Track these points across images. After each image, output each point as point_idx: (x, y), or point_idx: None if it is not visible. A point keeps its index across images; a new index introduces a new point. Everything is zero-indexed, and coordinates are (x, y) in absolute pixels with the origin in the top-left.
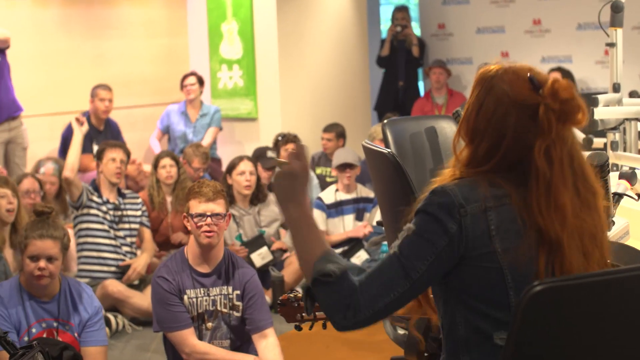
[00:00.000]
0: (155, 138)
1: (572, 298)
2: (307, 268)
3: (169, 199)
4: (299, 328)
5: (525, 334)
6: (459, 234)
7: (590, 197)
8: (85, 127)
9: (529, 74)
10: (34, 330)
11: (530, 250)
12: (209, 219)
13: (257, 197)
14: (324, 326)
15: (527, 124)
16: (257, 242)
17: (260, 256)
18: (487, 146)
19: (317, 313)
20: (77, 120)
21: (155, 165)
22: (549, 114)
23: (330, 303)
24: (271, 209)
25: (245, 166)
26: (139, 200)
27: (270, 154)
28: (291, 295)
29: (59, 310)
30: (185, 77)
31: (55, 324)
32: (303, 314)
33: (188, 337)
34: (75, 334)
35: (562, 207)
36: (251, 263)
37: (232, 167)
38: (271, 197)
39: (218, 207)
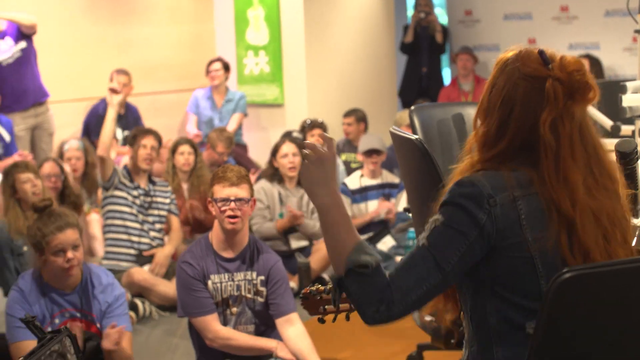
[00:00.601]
0: (194, 126)
1: (601, 285)
2: (338, 258)
3: (184, 185)
4: (322, 321)
5: (553, 321)
6: (490, 225)
7: (607, 181)
8: (119, 97)
9: (539, 49)
10: (57, 321)
11: (556, 234)
12: (232, 204)
13: None
14: (347, 318)
15: (535, 96)
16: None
17: (297, 239)
18: (497, 121)
19: (340, 305)
20: (112, 90)
21: (173, 151)
22: (556, 86)
23: (364, 296)
24: None
25: (288, 148)
26: (169, 188)
27: (295, 135)
28: (313, 288)
29: (80, 301)
30: (210, 62)
31: (78, 315)
32: (326, 307)
33: (211, 323)
34: (98, 325)
35: (572, 182)
36: (288, 243)
37: (276, 149)
38: None
39: (242, 191)
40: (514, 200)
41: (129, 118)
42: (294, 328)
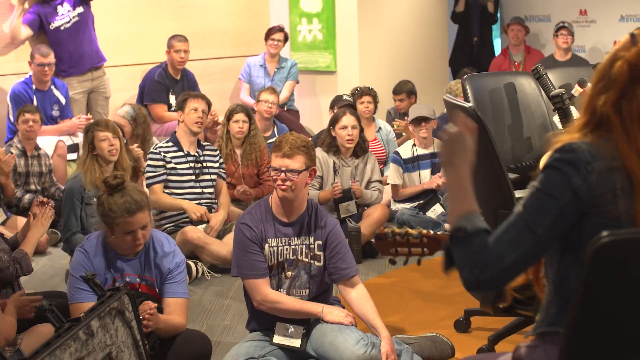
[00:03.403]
0: (247, 94)
1: (639, 251)
2: (450, 225)
3: (238, 151)
4: (392, 262)
5: (592, 285)
6: (584, 191)
7: None
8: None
9: (634, 31)
10: (117, 284)
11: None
12: (282, 174)
13: (361, 149)
14: (419, 262)
15: (628, 71)
16: (347, 194)
17: (346, 208)
18: (588, 100)
19: (412, 249)
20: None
21: (229, 118)
22: (623, 64)
23: (460, 258)
24: (367, 168)
25: (348, 120)
26: (217, 152)
27: (345, 97)
28: (387, 230)
29: (142, 266)
30: (272, 31)
31: (138, 280)
32: (398, 248)
33: (261, 286)
34: (157, 289)
35: None
36: (337, 211)
37: (335, 120)
38: (371, 155)
39: (294, 163)
40: (612, 170)
41: (184, 83)
42: (356, 291)
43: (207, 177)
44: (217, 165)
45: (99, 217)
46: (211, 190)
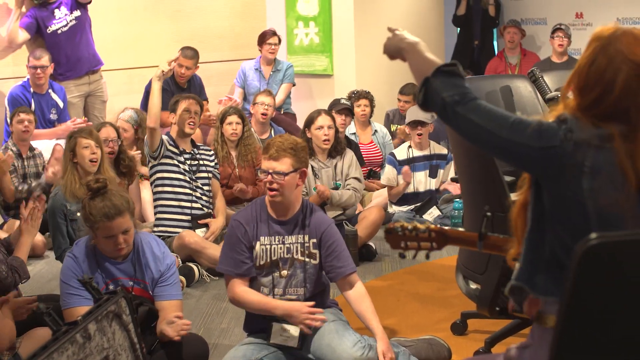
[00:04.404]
0: (239, 98)
1: (627, 254)
2: (427, 71)
3: (233, 153)
4: (402, 256)
5: (580, 286)
6: (559, 150)
7: None
8: (168, 73)
9: None
10: (111, 287)
11: (627, 201)
12: (269, 176)
13: (335, 150)
14: (428, 257)
15: (636, 82)
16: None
17: (331, 209)
18: (593, 98)
19: (421, 243)
20: (163, 72)
21: (222, 121)
22: None
23: (446, 83)
24: (347, 165)
25: (324, 120)
26: (212, 152)
27: (343, 101)
28: (397, 224)
29: (134, 269)
30: (266, 36)
31: (130, 283)
32: (407, 242)
33: (235, 284)
34: (150, 292)
35: None
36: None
37: (310, 121)
38: (348, 151)
39: (281, 165)
40: (587, 146)
41: (192, 88)
42: (354, 290)
43: (204, 174)
44: (212, 164)
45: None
46: (208, 187)
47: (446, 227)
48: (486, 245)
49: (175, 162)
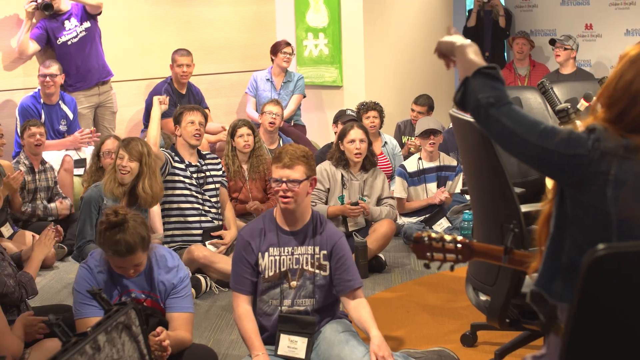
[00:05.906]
0: (252, 108)
1: (636, 264)
2: (469, 70)
3: (245, 166)
4: (427, 266)
5: (588, 296)
6: (586, 159)
7: None
8: (165, 107)
9: None
10: (123, 299)
11: None
12: (283, 185)
13: (370, 163)
14: (452, 268)
15: None
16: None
17: (355, 221)
18: (620, 110)
19: (447, 255)
20: (160, 101)
21: (232, 134)
22: None
23: (483, 84)
24: (376, 183)
25: (356, 134)
26: (218, 160)
27: (350, 112)
28: (424, 234)
29: (146, 282)
30: (280, 45)
31: (143, 296)
32: (434, 253)
33: (238, 300)
34: (162, 304)
35: None
36: (345, 224)
37: (343, 134)
38: (380, 172)
39: (295, 173)
40: (614, 156)
41: (190, 98)
42: (356, 301)
43: (212, 186)
44: (220, 173)
45: None
46: (216, 199)
47: (474, 240)
48: (511, 260)
49: (181, 178)
